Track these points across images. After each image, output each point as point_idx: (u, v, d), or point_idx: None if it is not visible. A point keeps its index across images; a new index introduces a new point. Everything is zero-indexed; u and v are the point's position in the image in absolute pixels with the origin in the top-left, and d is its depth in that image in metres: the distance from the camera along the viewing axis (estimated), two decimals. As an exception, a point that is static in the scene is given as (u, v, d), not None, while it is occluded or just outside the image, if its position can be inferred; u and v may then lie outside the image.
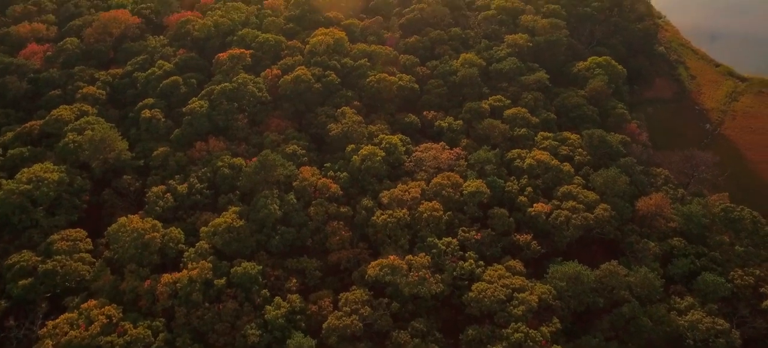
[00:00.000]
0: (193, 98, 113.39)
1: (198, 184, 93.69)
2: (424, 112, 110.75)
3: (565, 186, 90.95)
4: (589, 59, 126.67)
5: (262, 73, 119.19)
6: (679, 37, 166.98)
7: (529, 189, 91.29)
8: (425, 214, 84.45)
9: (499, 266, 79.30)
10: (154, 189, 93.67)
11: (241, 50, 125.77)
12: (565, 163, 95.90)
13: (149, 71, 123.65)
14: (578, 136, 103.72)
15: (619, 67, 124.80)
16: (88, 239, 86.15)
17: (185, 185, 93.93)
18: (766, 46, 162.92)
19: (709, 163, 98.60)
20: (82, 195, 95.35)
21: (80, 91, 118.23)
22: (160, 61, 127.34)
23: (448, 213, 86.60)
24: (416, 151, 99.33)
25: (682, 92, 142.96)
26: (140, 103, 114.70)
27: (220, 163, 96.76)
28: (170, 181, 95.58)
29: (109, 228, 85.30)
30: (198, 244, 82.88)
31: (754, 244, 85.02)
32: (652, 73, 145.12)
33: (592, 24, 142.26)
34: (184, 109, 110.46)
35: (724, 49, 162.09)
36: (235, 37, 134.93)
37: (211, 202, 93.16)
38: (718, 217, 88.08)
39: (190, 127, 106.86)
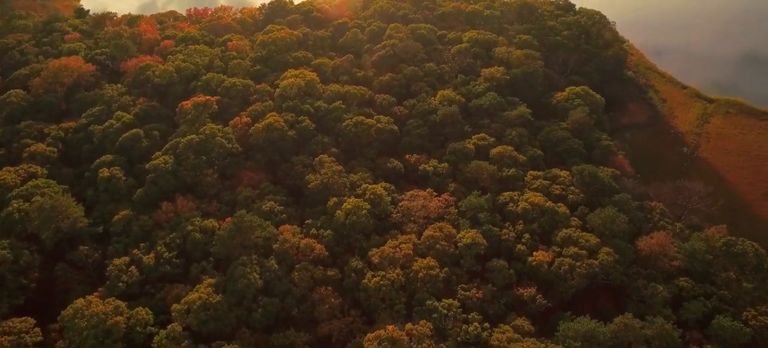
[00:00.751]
0: (157, 153, 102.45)
1: (166, 253, 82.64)
2: (407, 156, 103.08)
3: (564, 230, 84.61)
4: (567, 89, 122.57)
5: (231, 122, 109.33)
6: (644, 60, 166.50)
7: (527, 235, 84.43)
8: (421, 274, 76.15)
9: (506, 327, 71.57)
10: (116, 261, 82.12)
11: (207, 97, 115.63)
12: (559, 204, 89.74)
13: (107, 124, 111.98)
14: (568, 172, 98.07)
15: (597, 96, 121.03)
16: (37, 328, 73.59)
17: (152, 255, 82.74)
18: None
19: (702, 194, 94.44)
20: (30, 273, 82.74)
21: (27, 149, 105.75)
22: (118, 112, 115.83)
23: (445, 269, 78.49)
24: (403, 199, 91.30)
25: (656, 116, 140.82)
26: (97, 161, 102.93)
27: (190, 227, 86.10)
28: (134, 251, 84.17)
29: (63, 312, 73.14)
30: (170, 326, 71.76)
31: (761, 279, 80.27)
32: (625, 99, 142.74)
33: (564, 53, 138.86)
34: (147, 166, 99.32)
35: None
36: (199, 83, 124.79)
37: (183, 273, 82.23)
38: (720, 252, 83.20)
39: (155, 186, 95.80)
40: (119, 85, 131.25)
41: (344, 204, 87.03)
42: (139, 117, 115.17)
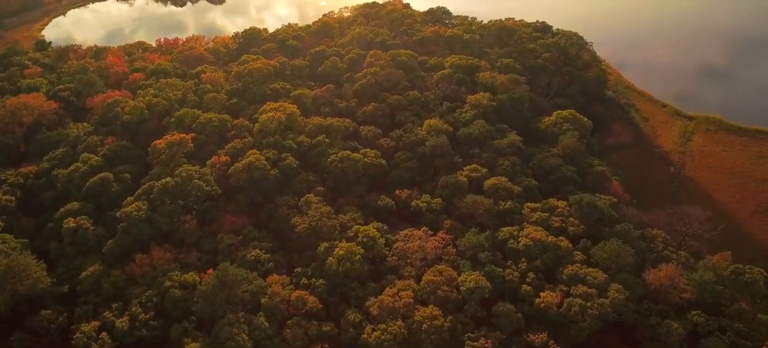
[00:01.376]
0: (129, 198, 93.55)
1: (142, 315, 73.76)
2: (397, 191, 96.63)
3: (569, 266, 79.29)
4: (555, 114, 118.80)
5: (209, 161, 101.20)
6: (622, 79, 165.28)
7: (532, 274, 78.68)
8: (424, 325, 69.38)
9: (520, 380, 65.31)
10: (85, 327, 72.91)
11: (181, 135, 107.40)
12: (560, 238, 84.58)
13: (72, 167, 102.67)
14: (565, 202, 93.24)
15: (585, 119, 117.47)
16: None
17: (126, 317, 73.72)
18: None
19: (701, 219, 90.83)
20: (-14, 345, 72.95)
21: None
22: (84, 154, 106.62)
23: (449, 318, 71.92)
24: (397, 240, 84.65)
25: (640, 136, 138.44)
26: (62, 209, 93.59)
27: (168, 282, 77.45)
28: (106, 313, 75.06)
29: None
30: (148, 403, 63.22)
31: (773, 307, 76.42)
32: (609, 119, 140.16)
33: (547, 76, 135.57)
34: (118, 213, 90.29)
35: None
36: (172, 119, 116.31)
37: (162, 336, 73.49)
38: (729, 281, 79.18)
39: (127, 236, 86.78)
40: (85, 124, 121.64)
41: (336, 250, 79.82)
42: (108, 158, 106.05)
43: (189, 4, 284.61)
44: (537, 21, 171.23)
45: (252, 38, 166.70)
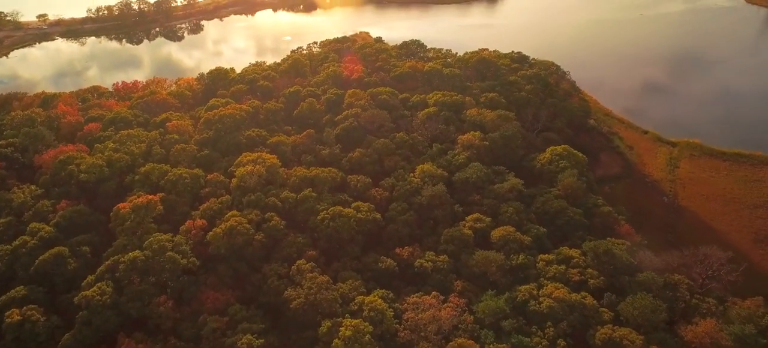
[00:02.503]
0: (89, 278, 79.07)
1: None
2: (397, 250, 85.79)
3: (600, 328, 70.30)
4: (549, 150, 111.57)
5: (182, 227, 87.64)
6: (600, 106, 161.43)
7: (561, 342, 69.15)
8: (456, 420, 58.46)
9: None
10: None
11: (148, 196, 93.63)
12: (583, 294, 75.74)
13: (17, 242, 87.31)
14: (577, 250, 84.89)
15: (580, 155, 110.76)
16: None
17: None
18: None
19: (722, 260, 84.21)
20: None
21: None
22: (33, 224, 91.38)
23: (480, 405, 61.41)
24: (406, 310, 73.56)
25: (628, 165, 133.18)
26: (4, 296, 77.77)
27: (142, 387, 63.65)
28: None
29: None
30: None
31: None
32: (596, 150, 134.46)
33: (533, 108, 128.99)
34: (75, 299, 75.65)
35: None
36: (137, 177, 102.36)
37: None
38: None
39: (89, 328, 72.22)
40: (33, 187, 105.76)
41: (341, 329, 67.96)
42: (62, 228, 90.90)
43: (146, 41, 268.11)
44: (513, 51, 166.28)
45: (219, 79, 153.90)
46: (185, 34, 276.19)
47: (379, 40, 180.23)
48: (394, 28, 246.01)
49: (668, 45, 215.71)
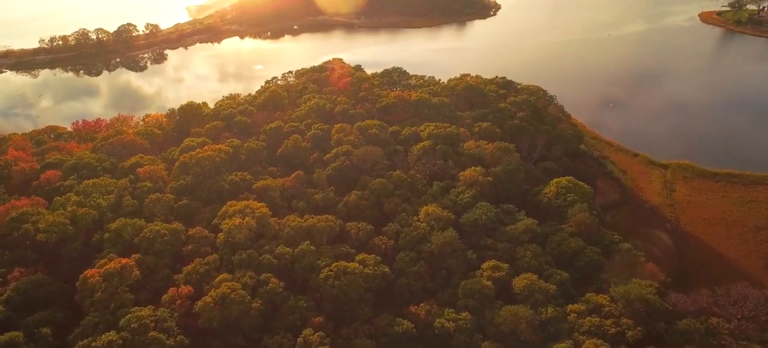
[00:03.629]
0: (53, 369, 65.42)
1: None
2: (412, 307, 75.80)
3: (651, 392, 62.32)
4: (553, 182, 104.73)
5: (165, 297, 75.01)
6: (586, 130, 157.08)
7: (612, 411, 60.77)
8: None
9: None
10: None
11: (122, 259, 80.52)
12: (624, 350, 67.94)
13: (-37, 324, 72.31)
14: (605, 296, 77.20)
15: (586, 187, 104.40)
16: None
17: None
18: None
19: (760, 299, 78.25)
20: None
21: None
22: (-18, 301, 76.47)
23: None
24: (433, 383, 63.70)
25: (625, 191, 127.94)
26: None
27: None
28: None
29: None
30: None
31: None
32: (591, 176, 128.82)
33: (529, 137, 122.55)
34: (38, 397, 61.96)
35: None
36: (106, 235, 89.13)
37: None
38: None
39: None
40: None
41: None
42: (15, 305, 76.89)
43: (106, 72, 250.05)
44: (497, 76, 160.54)
45: (191, 115, 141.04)
46: (148, 64, 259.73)
47: (358, 68, 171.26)
48: (366, 54, 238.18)
49: (642, 64, 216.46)
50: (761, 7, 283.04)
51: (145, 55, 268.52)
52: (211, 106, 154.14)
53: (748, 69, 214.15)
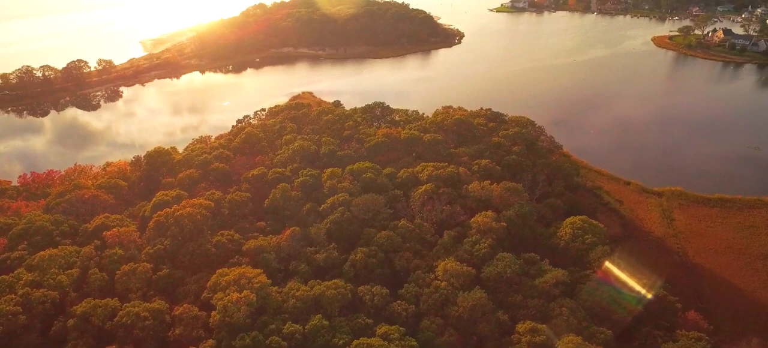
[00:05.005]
0: None
1: None
2: (449, 388, 64.75)
3: None
4: (567, 223, 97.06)
5: (152, 404, 60.45)
6: (574, 159, 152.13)
7: None
8: None
9: None
10: None
11: (93, 355, 65.19)
12: None
13: None
14: (653, 355, 69.05)
15: (600, 226, 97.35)
16: None
17: None
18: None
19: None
20: None
21: None
22: None
23: None
24: None
25: (626, 223, 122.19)
26: None
27: None
28: None
29: None
30: None
31: None
32: (592, 209, 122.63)
33: (530, 173, 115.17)
34: None
35: None
36: (71, 322, 73.16)
37: None
38: None
39: None
40: None
41: None
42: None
43: (53, 112, 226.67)
44: (482, 108, 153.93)
45: (159, 162, 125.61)
46: (102, 102, 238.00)
47: (337, 103, 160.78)
48: (335, 86, 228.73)
49: (614, 88, 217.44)
50: (706, 33, 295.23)
51: (99, 93, 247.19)
52: (180, 149, 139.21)
53: (710, 92, 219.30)
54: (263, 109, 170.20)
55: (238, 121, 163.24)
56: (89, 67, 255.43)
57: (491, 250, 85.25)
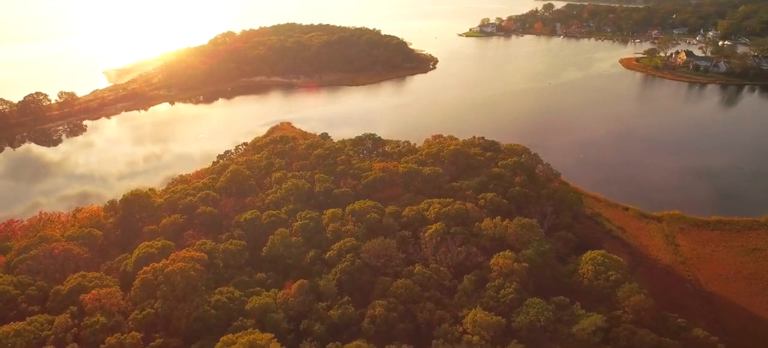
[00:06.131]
0: None
1: None
2: None
3: None
4: (585, 257, 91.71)
5: None
6: (570, 186, 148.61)
7: None
8: None
9: None
10: None
11: None
12: None
13: None
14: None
15: (619, 260, 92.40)
16: None
17: None
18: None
19: None
20: None
21: None
22: None
23: None
24: None
25: (633, 251, 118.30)
26: None
27: None
28: None
29: None
30: None
31: None
32: (598, 239, 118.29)
33: (537, 205, 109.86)
34: None
35: None
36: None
37: None
38: None
39: None
40: None
41: None
42: None
43: (8, 149, 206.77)
44: (474, 137, 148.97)
45: (138, 207, 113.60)
46: (63, 137, 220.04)
47: (325, 136, 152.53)
48: (313, 115, 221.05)
49: (594, 111, 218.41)
50: (669, 54, 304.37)
51: (60, 128, 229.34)
52: (158, 188, 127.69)
53: (690, 112, 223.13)
54: (245, 143, 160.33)
55: (220, 157, 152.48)
56: (49, 100, 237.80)
57: (518, 295, 78.38)
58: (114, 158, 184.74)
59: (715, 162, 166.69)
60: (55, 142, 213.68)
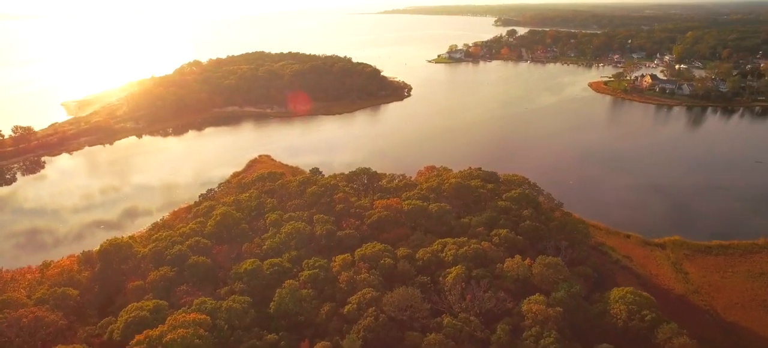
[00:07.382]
0: None
1: None
2: None
3: None
4: (616, 298, 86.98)
5: None
6: (573, 215, 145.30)
7: None
8: None
9: None
10: None
11: None
12: None
13: None
14: None
15: (648, 296, 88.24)
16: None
17: None
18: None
19: None
20: None
21: None
22: None
23: None
24: None
25: (644, 282, 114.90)
26: None
27: None
28: None
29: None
30: None
31: None
32: (610, 270, 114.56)
33: (550, 240, 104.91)
34: None
35: None
36: None
37: None
38: None
39: None
40: None
41: None
42: None
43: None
44: (470, 167, 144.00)
45: (118, 259, 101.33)
46: (17, 176, 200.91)
47: (316, 171, 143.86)
48: (292, 145, 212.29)
49: (576, 135, 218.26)
50: (634, 78, 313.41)
51: (15, 165, 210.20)
52: (135, 233, 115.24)
53: (668, 133, 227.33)
54: (228, 182, 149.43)
55: (202, 197, 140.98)
56: (2, 135, 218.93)
57: (560, 345, 71.88)
58: (78, 199, 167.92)
59: (696, 181, 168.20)
60: (9, 181, 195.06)
